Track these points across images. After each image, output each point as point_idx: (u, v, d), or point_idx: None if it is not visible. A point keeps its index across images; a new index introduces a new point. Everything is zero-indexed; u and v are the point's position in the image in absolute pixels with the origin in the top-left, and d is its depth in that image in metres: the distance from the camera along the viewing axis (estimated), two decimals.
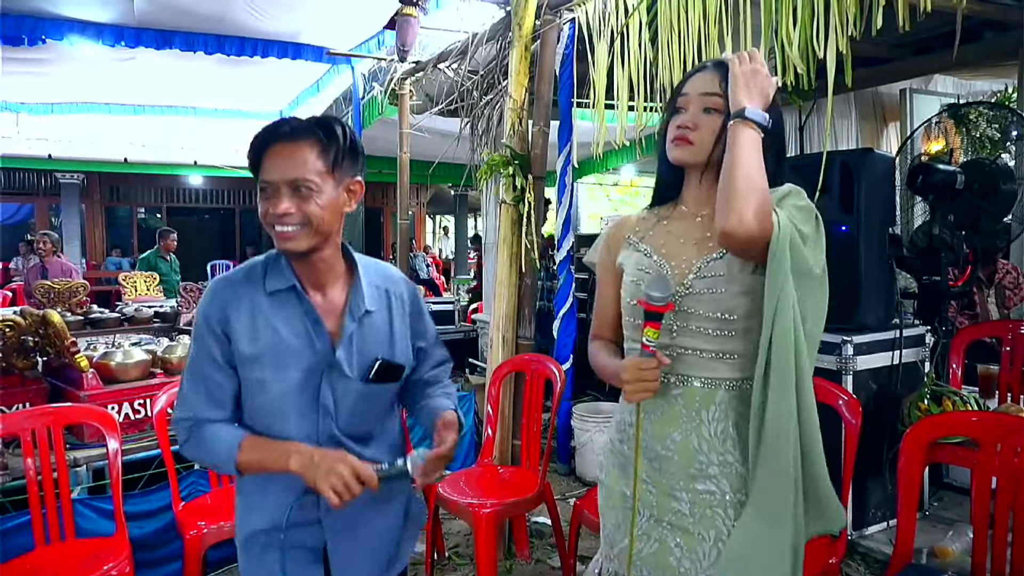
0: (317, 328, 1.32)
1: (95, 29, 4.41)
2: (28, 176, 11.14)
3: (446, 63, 4.53)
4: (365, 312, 1.35)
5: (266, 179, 1.26)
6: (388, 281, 1.44)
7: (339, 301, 1.36)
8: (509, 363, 3.28)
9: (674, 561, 1.26)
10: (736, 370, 1.25)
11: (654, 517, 1.29)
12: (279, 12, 4.46)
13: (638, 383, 1.21)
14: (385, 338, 1.39)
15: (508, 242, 3.49)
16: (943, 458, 2.08)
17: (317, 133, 1.27)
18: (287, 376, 1.30)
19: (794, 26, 2.31)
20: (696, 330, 1.25)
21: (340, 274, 1.38)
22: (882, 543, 2.82)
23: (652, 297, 1.18)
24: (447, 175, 7.13)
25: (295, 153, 1.25)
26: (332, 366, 1.31)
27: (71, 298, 4.03)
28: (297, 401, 1.31)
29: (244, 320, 1.30)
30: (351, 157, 1.32)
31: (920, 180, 3.20)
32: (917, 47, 4.39)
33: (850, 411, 2.12)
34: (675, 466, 1.27)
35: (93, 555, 2.13)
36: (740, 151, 1.14)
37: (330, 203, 1.28)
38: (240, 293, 1.32)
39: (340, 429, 1.34)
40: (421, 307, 1.50)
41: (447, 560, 2.98)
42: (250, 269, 1.36)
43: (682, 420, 1.26)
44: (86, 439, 2.64)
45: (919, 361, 3.06)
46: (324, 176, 1.27)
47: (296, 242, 1.26)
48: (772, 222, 1.12)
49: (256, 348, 1.29)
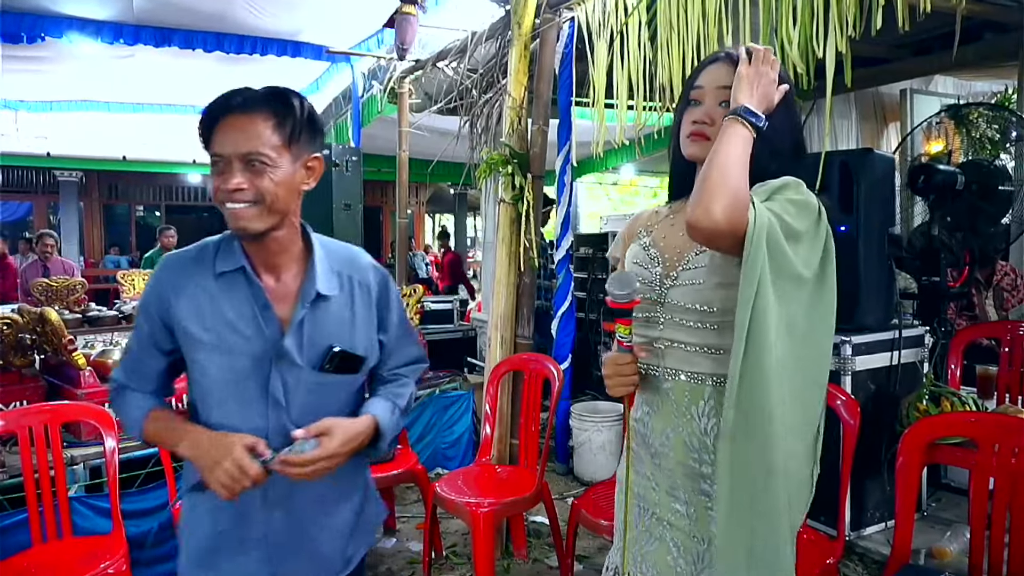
0: (266, 313, 1.25)
1: (94, 26, 4.41)
2: (27, 174, 11.12)
3: (445, 61, 4.53)
4: (318, 296, 1.27)
5: (218, 152, 1.18)
6: (352, 267, 1.35)
7: (294, 285, 1.29)
8: (507, 362, 3.27)
9: (671, 560, 1.25)
10: (720, 366, 1.20)
11: (656, 515, 1.28)
12: (279, 10, 4.46)
13: (616, 377, 1.23)
14: (345, 327, 1.31)
15: (507, 241, 3.49)
16: (941, 459, 2.07)
17: (272, 104, 1.20)
18: (234, 362, 1.24)
19: (794, 26, 2.31)
20: (679, 323, 1.24)
21: (296, 257, 1.30)
22: (880, 544, 2.81)
23: (614, 295, 1.18)
24: (446, 174, 7.13)
25: (248, 126, 1.18)
26: (281, 354, 1.24)
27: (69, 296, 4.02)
28: (243, 389, 1.25)
29: (188, 301, 1.25)
30: (309, 131, 1.24)
31: (921, 180, 3.20)
32: (917, 47, 4.39)
33: (848, 411, 2.12)
34: (672, 463, 1.26)
35: (90, 553, 2.12)
36: (723, 146, 1.11)
37: (286, 179, 1.21)
38: (187, 273, 1.27)
39: (293, 422, 1.26)
40: (390, 297, 1.40)
41: (445, 559, 2.98)
42: (202, 248, 1.31)
43: (674, 416, 1.25)
44: (83, 437, 2.64)
45: (918, 362, 3.06)
46: (280, 150, 1.20)
47: (248, 222, 1.19)
48: (745, 218, 1.06)
49: (200, 331, 1.24)
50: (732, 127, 1.13)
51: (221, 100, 1.20)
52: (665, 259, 1.29)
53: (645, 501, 1.31)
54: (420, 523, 3.23)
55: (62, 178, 10.80)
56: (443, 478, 2.82)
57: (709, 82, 1.23)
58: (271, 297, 1.26)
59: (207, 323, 1.24)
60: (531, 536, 3.14)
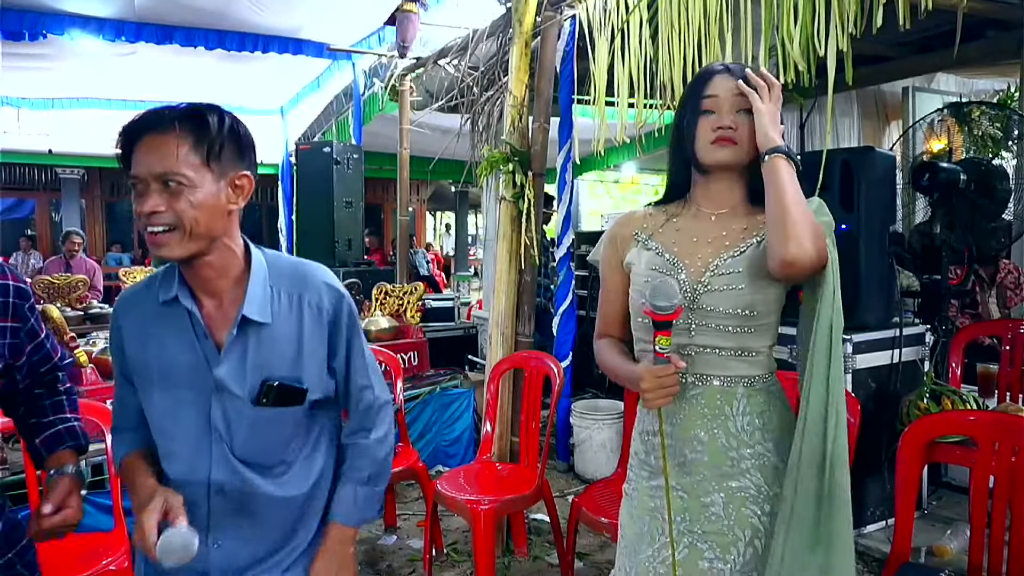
0: (205, 342, 1.19)
1: (96, 24, 4.41)
2: (28, 171, 11.11)
3: (446, 59, 4.53)
4: (253, 323, 1.19)
5: (135, 174, 1.12)
6: (303, 286, 1.25)
7: (233, 310, 1.20)
8: (508, 360, 3.27)
9: (705, 564, 1.25)
10: (755, 367, 1.26)
11: (685, 523, 1.28)
12: (280, 8, 4.46)
13: (658, 390, 1.18)
14: (290, 354, 1.22)
15: (508, 239, 3.49)
16: (942, 457, 2.08)
17: (189, 122, 1.12)
18: (176, 394, 1.20)
19: (795, 24, 2.31)
20: (716, 328, 1.25)
21: (237, 279, 1.21)
22: (880, 542, 2.82)
23: (658, 307, 1.15)
24: (447, 171, 7.14)
25: (163, 145, 1.11)
26: (218, 385, 1.18)
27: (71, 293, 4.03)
28: (186, 421, 1.21)
29: (133, 332, 1.24)
30: (233, 147, 1.16)
31: (927, 178, 3.19)
32: (919, 45, 4.39)
33: (849, 409, 2.11)
34: (706, 467, 1.26)
35: (92, 550, 2.13)
36: (787, 184, 1.18)
37: (207, 200, 1.13)
38: (136, 303, 1.26)
39: (236, 455, 1.21)
40: (340, 320, 1.27)
41: (445, 556, 2.98)
42: (152, 278, 1.27)
43: (706, 419, 1.26)
44: None
45: (919, 360, 3.05)
46: (199, 169, 1.12)
47: (167, 248, 1.12)
48: (827, 246, 1.19)
49: (142, 361, 1.22)
50: (781, 165, 1.19)
51: (137, 120, 1.14)
52: (687, 264, 1.29)
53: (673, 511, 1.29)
54: (421, 520, 3.24)
55: (64, 175, 10.79)
56: (444, 475, 2.82)
57: (724, 91, 1.26)
58: (210, 324, 1.20)
59: (151, 354, 1.22)
60: (532, 534, 3.15)
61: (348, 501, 1.32)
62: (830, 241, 1.21)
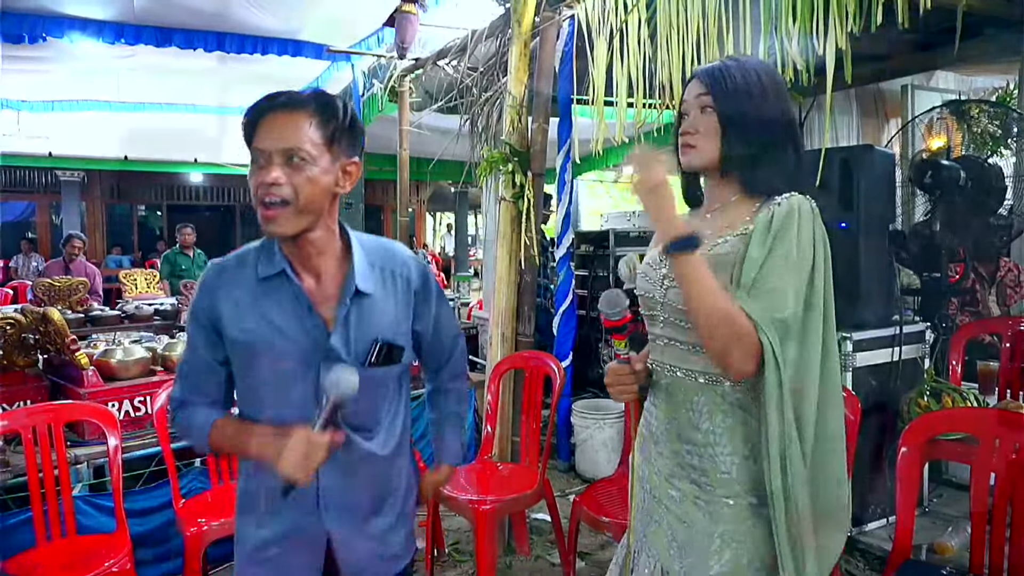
0: (310, 314, 1.27)
1: (95, 26, 4.40)
2: (28, 174, 11.13)
3: (446, 60, 4.53)
4: (358, 293, 1.29)
5: (259, 147, 1.20)
6: (391, 260, 1.37)
7: (334, 285, 1.30)
8: (509, 360, 3.28)
9: (666, 542, 1.30)
10: (710, 365, 1.24)
11: (656, 498, 1.34)
12: (279, 9, 4.46)
13: (616, 387, 1.33)
14: (388, 320, 1.33)
15: (508, 239, 3.49)
16: (942, 454, 2.09)
17: (315, 105, 1.22)
18: (282, 365, 1.27)
19: (793, 22, 2.31)
20: (675, 322, 1.29)
21: (335, 256, 1.32)
22: (882, 539, 2.82)
23: (606, 313, 1.29)
24: (447, 172, 7.13)
25: (291, 122, 1.20)
26: (329, 354, 1.26)
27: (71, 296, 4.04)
28: (293, 390, 1.27)
29: (233, 307, 1.28)
30: (350, 135, 1.26)
31: (929, 176, 3.19)
32: (918, 43, 4.38)
33: (849, 408, 2.12)
34: (668, 451, 1.32)
35: (94, 552, 2.14)
36: (686, 286, 1.16)
37: (321, 179, 1.22)
38: (230, 279, 1.30)
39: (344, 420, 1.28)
40: (428, 287, 1.41)
41: (447, 556, 2.99)
42: (243, 254, 1.34)
43: (673, 409, 1.31)
44: (87, 436, 2.65)
45: (919, 357, 3.05)
46: (320, 148, 1.21)
47: (278, 225, 1.20)
48: (757, 341, 1.12)
49: (247, 336, 1.27)
50: (678, 265, 1.16)
51: (265, 99, 1.22)
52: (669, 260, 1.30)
53: (648, 483, 1.37)
54: (422, 520, 3.24)
55: (64, 178, 10.80)
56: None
57: (689, 95, 1.30)
58: (313, 298, 1.28)
59: (253, 328, 1.27)
60: (533, 533, 3.15)
61: (455, 445, 1.54)
62: (768, 336, 1.12)
